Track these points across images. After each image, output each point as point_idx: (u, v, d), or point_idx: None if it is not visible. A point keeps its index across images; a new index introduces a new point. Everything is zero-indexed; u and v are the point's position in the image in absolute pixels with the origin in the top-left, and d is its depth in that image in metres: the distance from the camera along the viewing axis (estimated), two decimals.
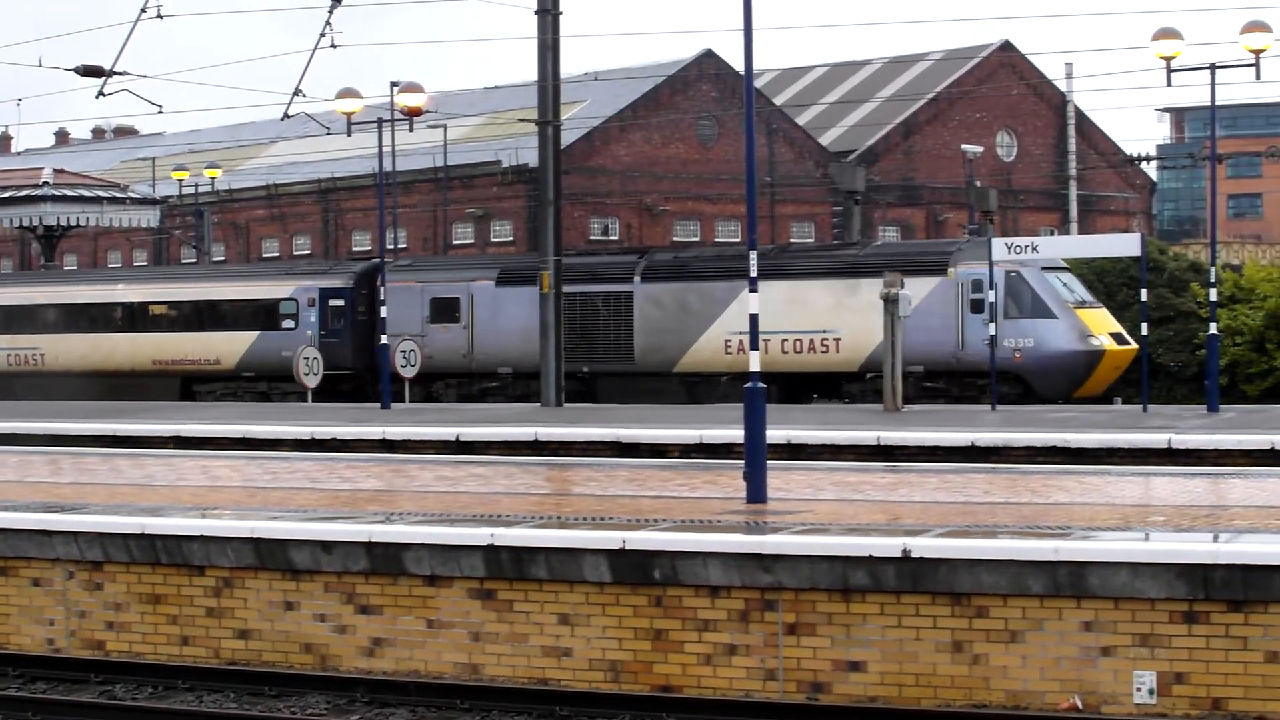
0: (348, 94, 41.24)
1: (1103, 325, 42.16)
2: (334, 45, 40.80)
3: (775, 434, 25.35)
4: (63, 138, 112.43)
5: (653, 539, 17.11)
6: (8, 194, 62.79)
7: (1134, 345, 42.89)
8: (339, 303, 49.75)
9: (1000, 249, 36.97)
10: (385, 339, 42.69)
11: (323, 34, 40.17)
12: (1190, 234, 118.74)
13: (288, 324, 50.16)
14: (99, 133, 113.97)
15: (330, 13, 39.99)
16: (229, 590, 18.88)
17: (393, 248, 64.14)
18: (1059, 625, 15.83)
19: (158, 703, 17.46)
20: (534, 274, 44.97)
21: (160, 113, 44.20)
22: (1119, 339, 42.09)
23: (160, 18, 39.95)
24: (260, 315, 50.93)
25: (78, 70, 41.57)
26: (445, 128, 70.28)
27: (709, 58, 78.15)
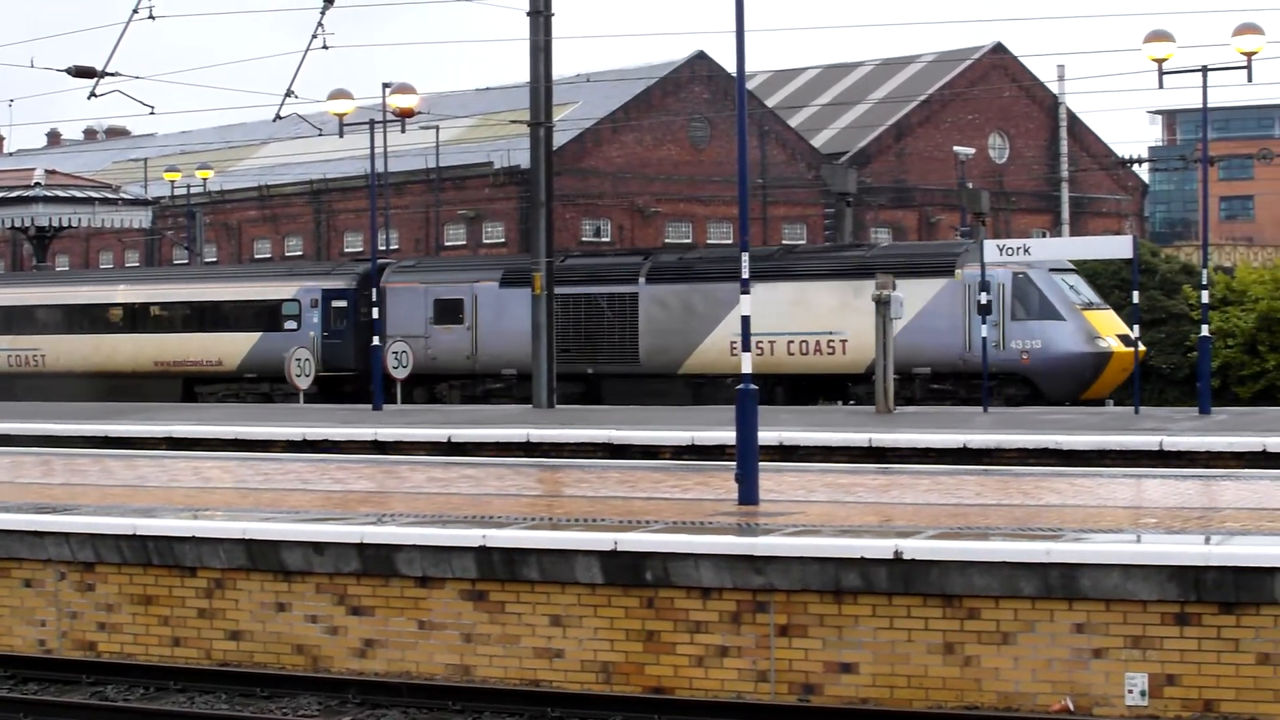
0: (340, 95, 41.23)
1: (1110, 327, 41.99)
2: (326, 46, 40.68)
3: (767, 435, 25.36)
4: (55, 138, 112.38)
5: (644, 540, 17.11)
6: (0, 195, 62.70)
7: (1141, 347, 42.91)
8: (342, 304, 49.61)
9: (992, 251, 36.98)
10: (376, 340, 42.66)
11: (315, 35, 40.05)
12: (1182, 236, 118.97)
13: (290, 325, 50.01)
14: (91, 133, 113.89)
15: (322, 14, 39.89)
16: (221, 591, 18.87)
17: (385, 249, 64.20)
18: (1051, 627, 15.83)
19: (149, 704, 17.45)
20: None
21: (152, 113, 44.14)
22: (1126, 341, 41.96)
23: (152, 18, 39.87)
24: (263, 316, 50.78)
25: (69, 71, 41.48)
26: (437, 129, 70.21)
27: (701, 59, 78.14)
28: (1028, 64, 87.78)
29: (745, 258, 20.72)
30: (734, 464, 20.69)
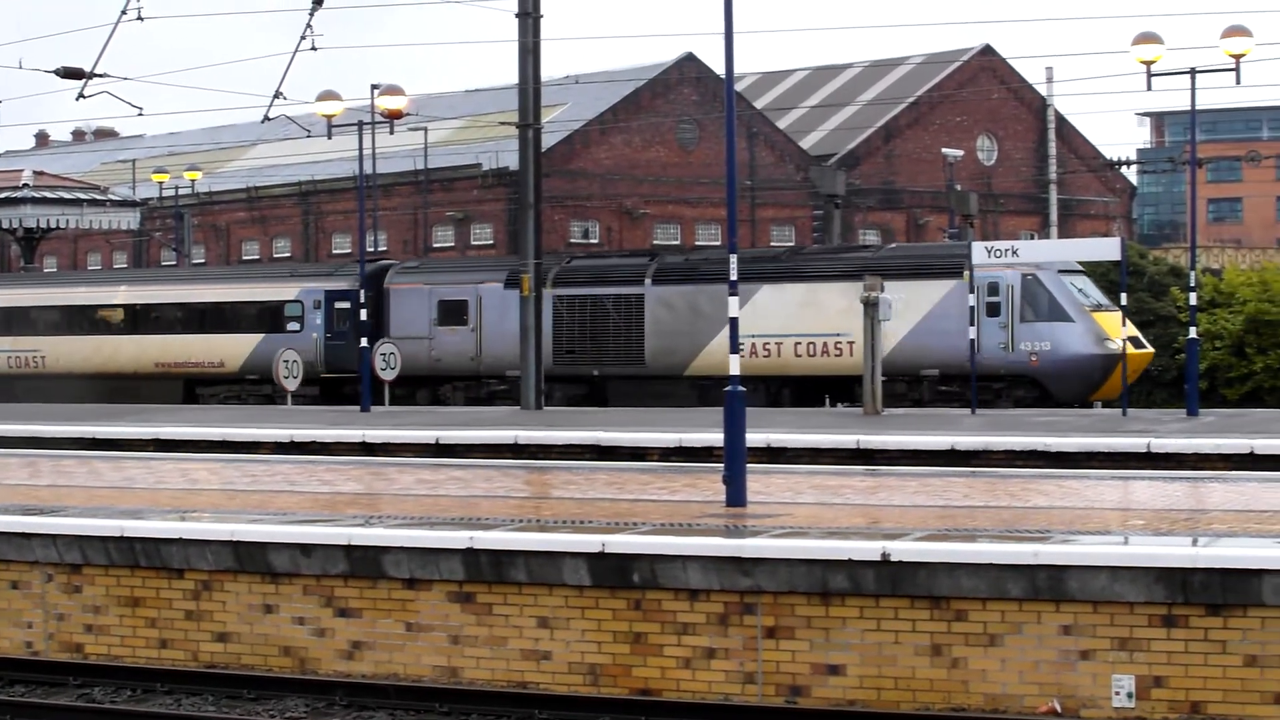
0: (328, 96, 41.20)
1: (1119, 329, 41.78)
2: (314, 48, 40.65)
3: (755, 437, 25.36)
4: (43, 140, 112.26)
5: (632, 542, 17.10)
6: None
7: (1150, 349, 42.82)
8: (345, 305, 49.38)
9: (980, 253, 36.99)
10: (364, 341, 42.56)
11: (303, 36, 40.04)
12: (1170, 238, 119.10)
13: (293, 326, 49.78)
14: (79, 135, 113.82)
15: (311, 15, 39.90)
16: (208, 593, 18.84)
17: (373, 250, 64.15)
18: (1038, 629, 15.84)
19: (136, 705, 17.42)
20: (543, 276, 44.86)
21: (140, 115, 43.89)
22: (1135, 343, 41.86)
23: (141, 19, 39.80)
24: (265, 317, 50.55)
25: (58, 72, 41.42)
26: (426, 130, 70.27)
27: (689, 61, 78.20)
28: (1016, 66, 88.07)
29: (733, 259, 20.75)
30: (721, 466, 20.70)
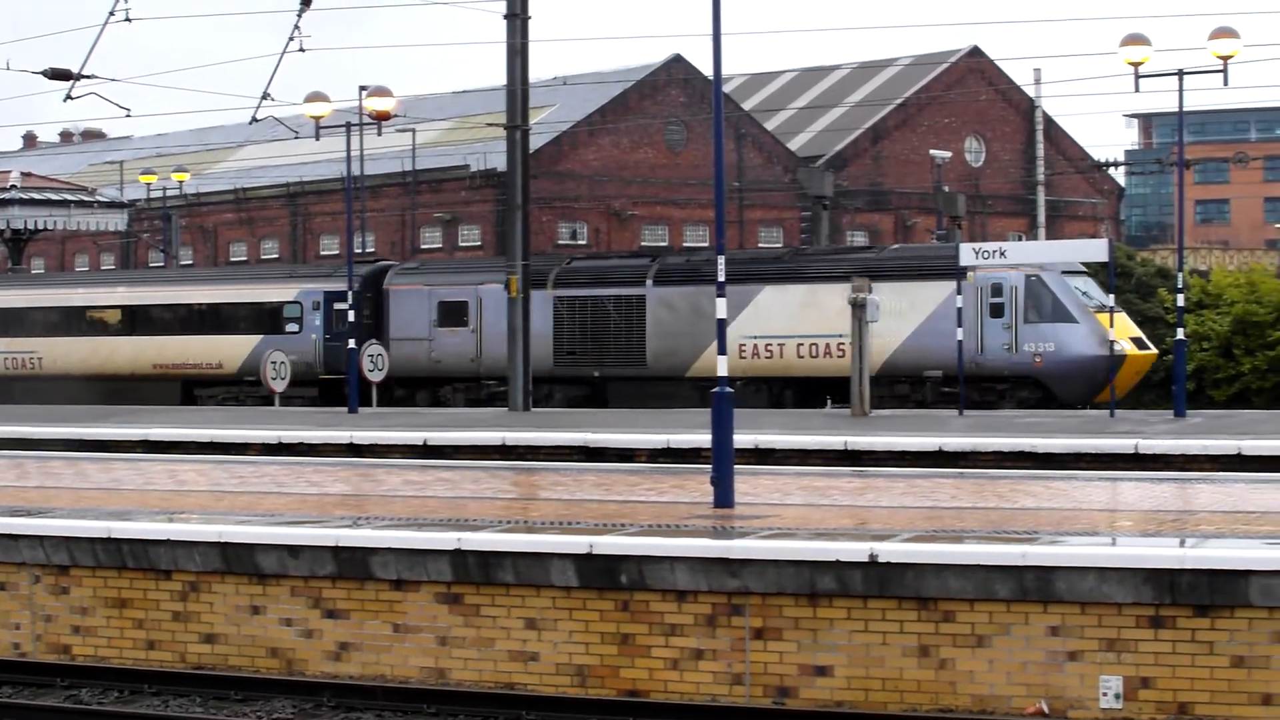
0: (316, 98, 41.18)
1: (1124, 330, 41.58)
2: (303, 49, 40.56)
3: (743, 439, 25.36)
4: (30, 141, 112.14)
5: (620, 543, 17.09)
6: None
7: (1154, 350, 42.79)
8: (344, 306, 49.23)
9: (968, 254, 37.01)
10: (352, 343, 42.50)
11: (292, 37, 39.99)
12: (1158, 239, 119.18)
13: (292, 327, 49.64)
14: (67, 136, 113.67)
15: (299, 16, 39.85)
16: (195, 594, 18.82)
17: (360, 252, 64.07)
18: (1026, 630, 15.84)
19: (123, 707, 17.40)
20: (544, 277, 44.75)
21: (128, 116, 43.80)
22: (1140, 344, 41.80)
23: (129, 20, 39.74)
24: (264, 319, 50.37)
25: (45, 73, 41.37)
26: (414, 132, 70.20)
27: (678, 62, 78.20)
28: (1004, 67, 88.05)
29: (721, 260, 20.72)
30: (709, 467, 20.69)
